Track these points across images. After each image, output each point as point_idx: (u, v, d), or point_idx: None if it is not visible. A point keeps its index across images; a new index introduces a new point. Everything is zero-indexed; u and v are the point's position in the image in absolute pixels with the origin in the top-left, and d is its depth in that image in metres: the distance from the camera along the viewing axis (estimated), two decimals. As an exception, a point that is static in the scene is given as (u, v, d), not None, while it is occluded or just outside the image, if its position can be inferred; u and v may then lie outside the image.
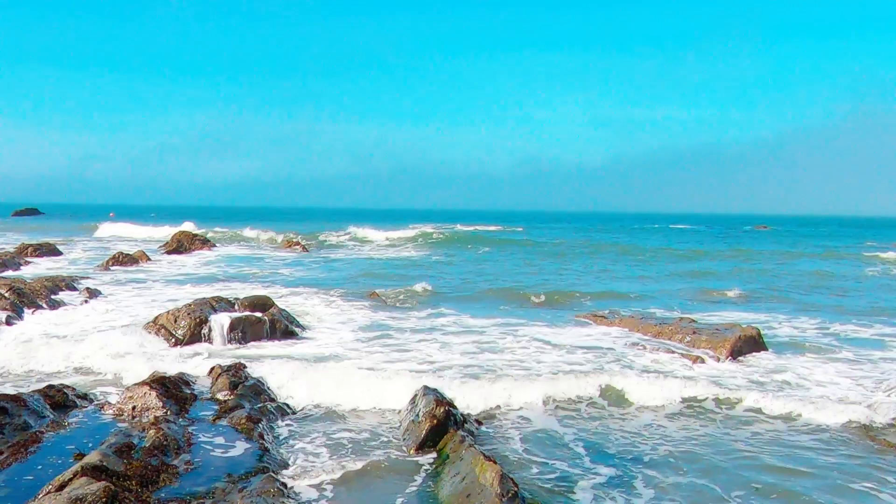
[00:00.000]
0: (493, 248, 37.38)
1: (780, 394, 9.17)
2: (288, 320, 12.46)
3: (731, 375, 10.23)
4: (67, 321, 13.17)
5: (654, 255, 33.05)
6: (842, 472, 6.79)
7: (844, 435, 7.87)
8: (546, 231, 64.00)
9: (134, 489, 5.57)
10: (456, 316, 14.83)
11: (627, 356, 11.20)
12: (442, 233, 48.72)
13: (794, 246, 44.25)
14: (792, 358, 11.36)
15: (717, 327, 12.23)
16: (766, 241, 51.25)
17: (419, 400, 7.80)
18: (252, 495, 5.46)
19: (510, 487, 5.64)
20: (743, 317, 15.00)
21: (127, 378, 9.39)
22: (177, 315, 11.34)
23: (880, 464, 7.04)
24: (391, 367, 10.17)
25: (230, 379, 8.68)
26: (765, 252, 35.47)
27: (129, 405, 7.80)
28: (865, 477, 6.70)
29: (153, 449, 6.35)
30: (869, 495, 6.31)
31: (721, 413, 8.64)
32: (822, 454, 7.29)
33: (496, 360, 10.73)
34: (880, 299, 19.02)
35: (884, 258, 33.02)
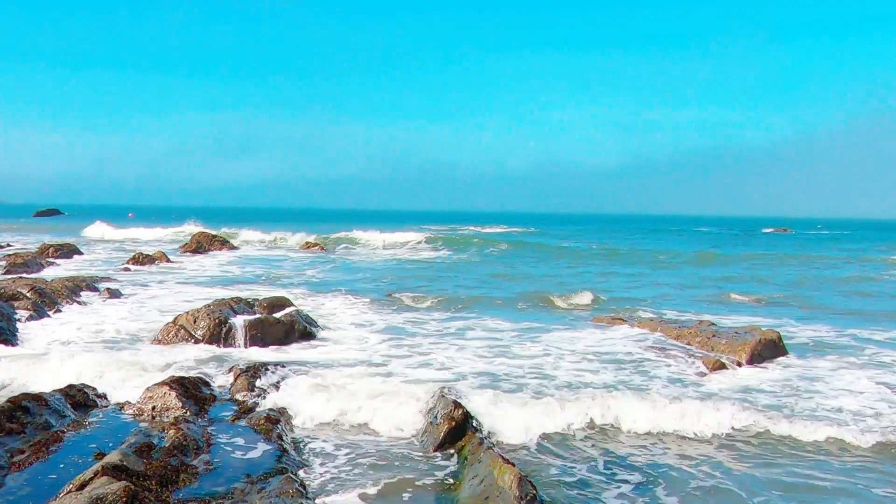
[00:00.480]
0: (509, 250, 37.34)
1: (811, 412, 8.84)
2: (307, 322, 12.49)
3: (755, 387, 10.00)
4: (90, 322, 13.27)
5: (673, 258, 32.84)
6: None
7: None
8: (562, 233, 63.87)
9: (154, 489, 5.60)
10: (473, 319, 14.83)
11: (645, 364, 11.12)
12: (458, 234, 48.75)
13: (816, 249, 43.90)
14: (813, 362, 11.25)
15: (737, 331, 12.15)
16: (788, 244, 50.84)
17: (437, 402, 7.80)
18: (271, 496, 5.48)
19: (529, 490, 5.63)
20: (763, 321, 14.89)
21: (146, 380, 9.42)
22: (196, 316, 11.40)
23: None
24: (410, 374, 10.18)
25: (249, 379, 8.72)
26: (789, 256, 35.02)
27: (148, 405, 7.85)
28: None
29: (173, 449, 6.38)
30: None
31: (748, 434, 8.56)
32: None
33: (513, 368, 10.61)
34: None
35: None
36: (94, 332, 12.34)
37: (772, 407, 8.82)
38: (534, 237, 52.93)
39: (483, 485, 5.90)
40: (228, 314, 11.67)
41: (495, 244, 40.44)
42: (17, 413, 7.10)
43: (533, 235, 55.96)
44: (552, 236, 55.28)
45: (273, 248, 35.93)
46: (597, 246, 42.45)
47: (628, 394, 8.79)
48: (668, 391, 9.42)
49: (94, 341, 11.59)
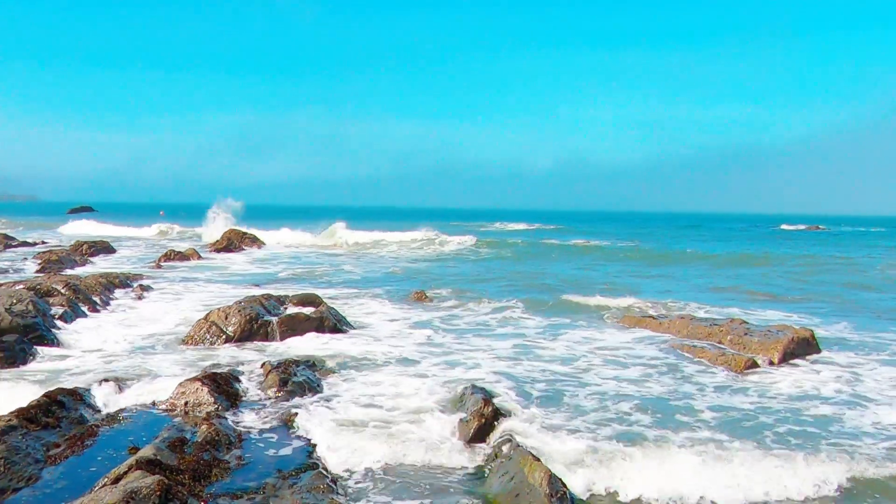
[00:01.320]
0: (535, 248, 37.25)
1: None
2: (336, 319, 12.55)
3: (795, 385, 9.90)
4: (124, 319, 13.45)
5: (703, 261, 32.49)
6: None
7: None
8: (592, 229, 63.55)
9: (187, 483, 5.66)
10: (507, 318, 14.83)
11: (680, 367, 11.06)
12: (486, 231, 48.72)
13: (850, 248, 43.32)
14: (848, 360, 11.11)
15: (769, 329, 12.01)
16: (821, 242, 50.19)
17: (467, 398, 7.80)
18: (302, 491, 5.52)
19: (559, 487, 5.62)
20: (795, 319, 14.73)
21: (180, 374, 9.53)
22: (227, 312, 11.49)
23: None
24: (442, 374, 10.20)
25: (280, 375, 8.78)
26: (821, 256, 34.46)
27: (181, 400, 7.93)
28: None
29: (205, 444, 6.44)
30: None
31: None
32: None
33: (546, 374, 10.58)
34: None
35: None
36: (126, 328, 12.49)
37: (830, 420, 8.73)
38: (563, 235, 52.70)
39: (513, 482, 5.89)
40: (259, 311, 11.76)
41: (523, 241, 40.35)
42: (52, 407, 7.21)
43: (561, 233, 55.73)
44: (580, 233, 54.97)
45: (304, 246, 36.11)
46: (629, 243, 42.18)
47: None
48: (708, 399, 9.37)
49: (127, 338, 11.73)
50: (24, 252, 28.07)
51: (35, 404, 7.12)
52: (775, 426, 7.99)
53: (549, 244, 40.58)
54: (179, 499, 5.29)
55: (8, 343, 9.69)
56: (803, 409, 8.67)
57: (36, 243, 33.67)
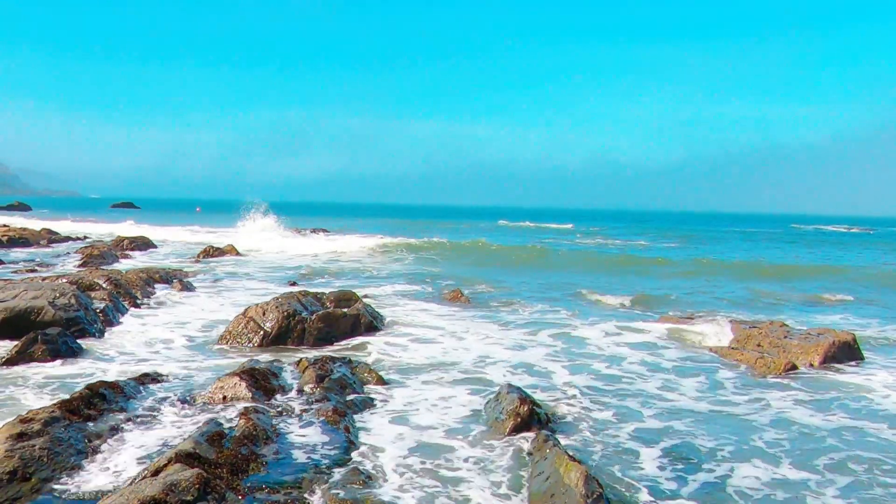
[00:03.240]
0: (569, 248, 37.07)
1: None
2: (372, 316, 12.60)
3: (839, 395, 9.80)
4: (165, 314, 13.64)
5: (748, 270, 32.00)
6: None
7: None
8: (621, 232, 63.06)
9: (225, 476, 5.72)
10: (543, 318, 14.79)
11: (717, 368, 10.95)
12: (520, 229, 48.54)
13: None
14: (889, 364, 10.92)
15: (810, 332, 11.83)
16: (869, 246, 49.15)
17: (503, 397, 7.78)
18: (338, 487, 5.55)
19: (595, 489, 5.58)
20: (839, 322, 14.50)
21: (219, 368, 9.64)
22: (265, 308, 11.59)
23: None
24: (477, 373, 10.21)
25: (317, 372, 8.83)
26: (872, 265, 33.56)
27: (219, 394, 8.01)
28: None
29: (243, 438, 6.50)
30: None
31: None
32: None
33: (590, 378, 10.58)
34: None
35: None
36: (166, 323, 12.66)
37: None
38: (591, 235, 52.37)
39: (549, 482, 5.86)
40: (297, 307, 11.84)
41: (556, 241, 40.14)
42: (94, 400, 7.33)
43: (591, 233, 55.36)
44: (612, 235, 54.56)
45: (339, 244, 36.26)
46: (671, 248, 41.73)
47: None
48: (746, 400, 9.27)
49: (167, 332, 11.89)
50: (67, 247, 28.58)
51: (77, 396, 7.24)
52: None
53: (590, 251, 40.35)
54: (218, 492, 5.35)
55: (51, 336, 9.86)
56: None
57: (79, 238, 34.26)
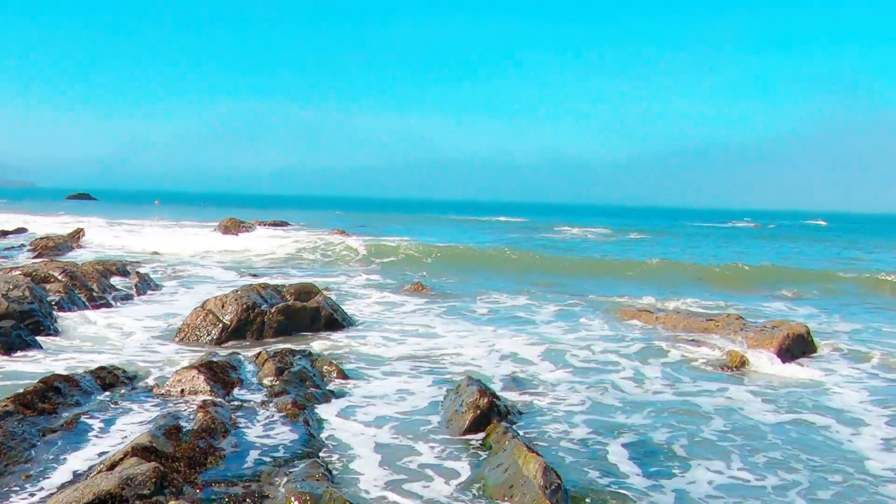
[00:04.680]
0: (524, 239, 37.24)
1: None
2: (332, 309, 12.55)
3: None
4: (122, 307, 13.47)
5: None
6: None
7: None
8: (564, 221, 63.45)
9: (182, 470, 5.67)
10: (496, 311, 14.88)
11: (676, 362, 11.09)
12: (483, 223, 48.67)
13: (852, 244, 43.38)
14: (843, 358, 11.15)
15: (765, 325, 12.03)
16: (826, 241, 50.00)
17: (463, 390, 7.81)
18: (297, 479, 5.52)
19: (553, 480, 5.63)
20: (793, 314, 14.77)
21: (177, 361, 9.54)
22: (224, 301, 11.48)
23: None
24: (436, 366, 10.23)
25: (276, 365, 8.78)
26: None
27: (177, 388, 7.94)
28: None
29: (201, 431, 6.45)
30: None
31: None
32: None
33: (536, 365, 10.68)
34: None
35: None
36: (123, 315, 12.50)
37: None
38: (533, 229, 52.64)
39: (507, 474, 5.90)
40: (256, 300, 11.75)
41: (514, 233, 40.26)
42: (48, 394, 7.22)
43: (532, 226, 55.62)
44: (553, 222, 54.86)
45: (300, 236, 36.00)
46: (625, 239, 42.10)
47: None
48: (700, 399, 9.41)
49: (123, 325, 11.74)
50: (23, 238, 28.01)
51: (31, 390, 7.13)
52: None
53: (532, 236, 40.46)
54: (175, 486, 5.31)
55: (4, 329, 9.68)
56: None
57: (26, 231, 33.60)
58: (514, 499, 5.61)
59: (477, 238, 37.01)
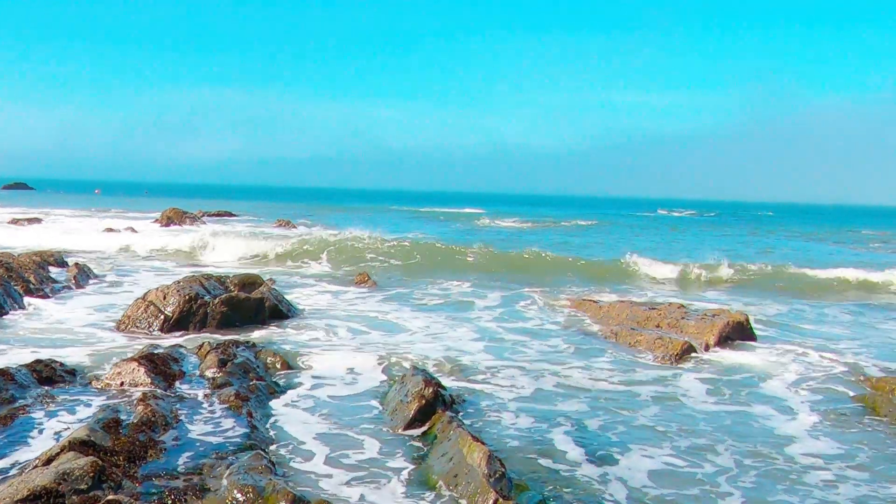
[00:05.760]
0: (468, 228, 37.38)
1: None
2: (277, 300, 12.44)
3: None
4: (61, 298, 13.17)
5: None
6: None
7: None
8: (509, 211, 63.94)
9: (121, 464, 5.57)
10: (441, 301, 14.92)
11: (619, 352, 11.24)
12: (422, 214, 48.69)
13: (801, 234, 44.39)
14: (780, 345, 11.43)
15: (706, 313, 12.26)
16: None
17: (408, 380, 7.82)
18: (239, 472, 5.47)
19: (497, 468, 5.67)
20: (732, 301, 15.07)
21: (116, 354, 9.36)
22: (166, 292, 11.30)
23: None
24: (381, 356, 10.23)
25: (219, 356, 8.66)
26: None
27: (117, 381, 7.80)
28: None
29: (141, 424, 6.34)
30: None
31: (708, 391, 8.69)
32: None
33: (478, 354, 10.74)
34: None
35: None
36: (61, 307, 12.24)
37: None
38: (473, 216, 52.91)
39: (452, 463, 5.93)
40: (199, 290, 11.59)
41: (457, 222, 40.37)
42: (-18, 388, 7.03)
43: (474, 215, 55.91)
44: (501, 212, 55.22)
45: (247, 227, 35.60)
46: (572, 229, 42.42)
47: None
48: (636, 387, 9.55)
49: (61, 317, 11.50)
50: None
51: (-37, 384, 6.93)
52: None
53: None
54: (113, 480, 5.22)
55: (-65, 321, 9.39)
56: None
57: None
58: (458, 487, 5.64)
59: (424, 230, 36.96)
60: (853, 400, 8.67)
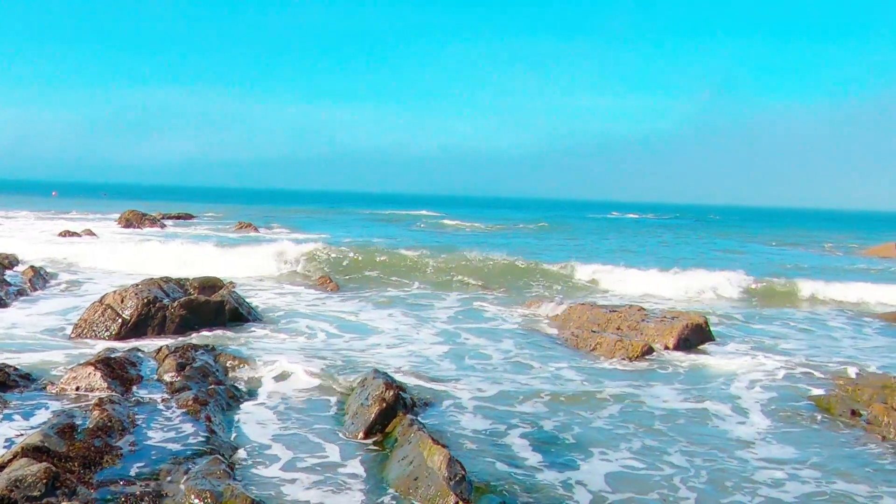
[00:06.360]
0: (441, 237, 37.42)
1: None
2: (237, 303, 12.33)
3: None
4: (14, 302, 12.92)
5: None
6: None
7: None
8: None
9: (76, 470, 5.49)
10: (402, 305, 14.91)
11: (580, 354, 11.31)
12: (379, 217, 48.63)
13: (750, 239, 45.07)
14: (736, 347, 11.59)
15: (665, 315, 12.39)
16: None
17: (369, 383, 7.79)
18: (197, 477, 5.42)
19: (458, 471, 5.68)
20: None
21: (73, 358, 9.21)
22: (124, 295, 11.14)
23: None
24: (342, 360, 10.18)
25: (178, 360, 8.56)
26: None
27: (72, 385, 7.67)
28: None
29: (97, 430, 6.25)
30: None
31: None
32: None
33: (437, 360, 10.76)
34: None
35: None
36: (15, 311, 12.02)
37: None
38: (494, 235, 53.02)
39: (412, 466, 5.93)
40: (157, 293, 11.44)
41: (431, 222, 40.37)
42: (-68, 393, 6.88)
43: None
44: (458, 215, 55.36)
45: (207, 230, 35.23)
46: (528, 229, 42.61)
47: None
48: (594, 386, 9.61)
49: (15, 321, 11.28)
50: None
51: (-87, 390, 6.77)
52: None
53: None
54: (68, 486, 5.13)
55: None
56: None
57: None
58: (418, 491, 5.64)
59: (383, 233, 36.85)
60: (808, 400, 8.83)
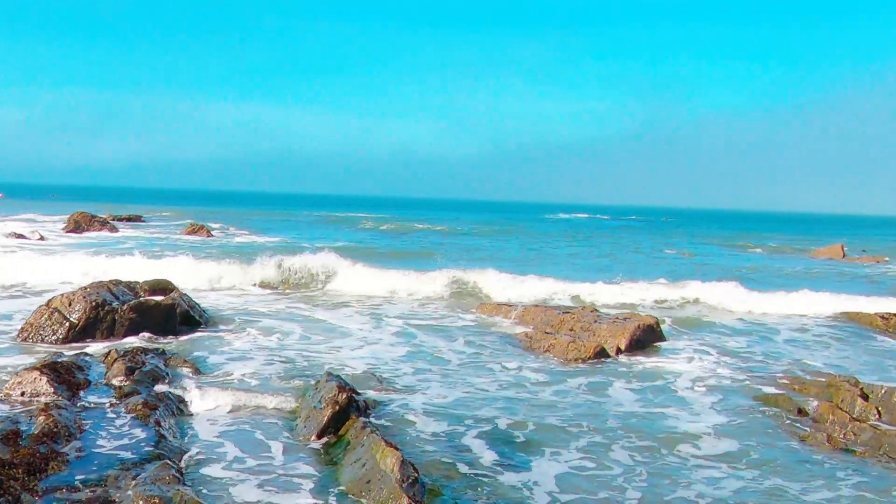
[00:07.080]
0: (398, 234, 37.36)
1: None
2: (189, 306, 12.16)
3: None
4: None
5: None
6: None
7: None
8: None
9: (20, 477, 5.37)
10: (355, 307, 14.88)
11: (533, 355, 11.37)
12: (331, 219, 48.46)
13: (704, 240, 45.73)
14: (685, 345, 11.76)
15: (617, 317, 12.52)
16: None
17: (322, 385, 7.75)
18: (146, 482, 5.34)
19: (410, 473, 5.68)
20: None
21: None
22: (71, 298, 10.92)
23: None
24: (295, 362, 10.12)
25: (127, 364, 8.43)
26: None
27: (17, 391, 7.51)
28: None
29: (42, 436, 6.12)
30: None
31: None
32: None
33: (391, 363, 10.75)
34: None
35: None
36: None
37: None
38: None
39: (365, 468, 5.91)
40: (106, 297, 11.24)
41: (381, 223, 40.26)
42: None
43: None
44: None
45: (158, 232, 34.71)
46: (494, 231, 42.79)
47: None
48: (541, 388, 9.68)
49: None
50: None
51: None
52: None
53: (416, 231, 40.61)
54: (11, 494, 5.03)
55: None
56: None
57: None
58: (371, 493, 5.62)
59: (334, 235, 36.66)
60: (756, 399, 8.99)
